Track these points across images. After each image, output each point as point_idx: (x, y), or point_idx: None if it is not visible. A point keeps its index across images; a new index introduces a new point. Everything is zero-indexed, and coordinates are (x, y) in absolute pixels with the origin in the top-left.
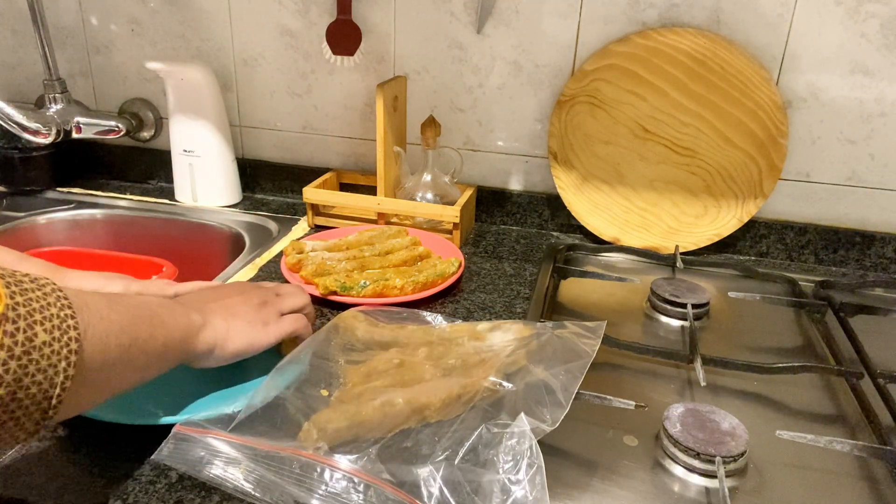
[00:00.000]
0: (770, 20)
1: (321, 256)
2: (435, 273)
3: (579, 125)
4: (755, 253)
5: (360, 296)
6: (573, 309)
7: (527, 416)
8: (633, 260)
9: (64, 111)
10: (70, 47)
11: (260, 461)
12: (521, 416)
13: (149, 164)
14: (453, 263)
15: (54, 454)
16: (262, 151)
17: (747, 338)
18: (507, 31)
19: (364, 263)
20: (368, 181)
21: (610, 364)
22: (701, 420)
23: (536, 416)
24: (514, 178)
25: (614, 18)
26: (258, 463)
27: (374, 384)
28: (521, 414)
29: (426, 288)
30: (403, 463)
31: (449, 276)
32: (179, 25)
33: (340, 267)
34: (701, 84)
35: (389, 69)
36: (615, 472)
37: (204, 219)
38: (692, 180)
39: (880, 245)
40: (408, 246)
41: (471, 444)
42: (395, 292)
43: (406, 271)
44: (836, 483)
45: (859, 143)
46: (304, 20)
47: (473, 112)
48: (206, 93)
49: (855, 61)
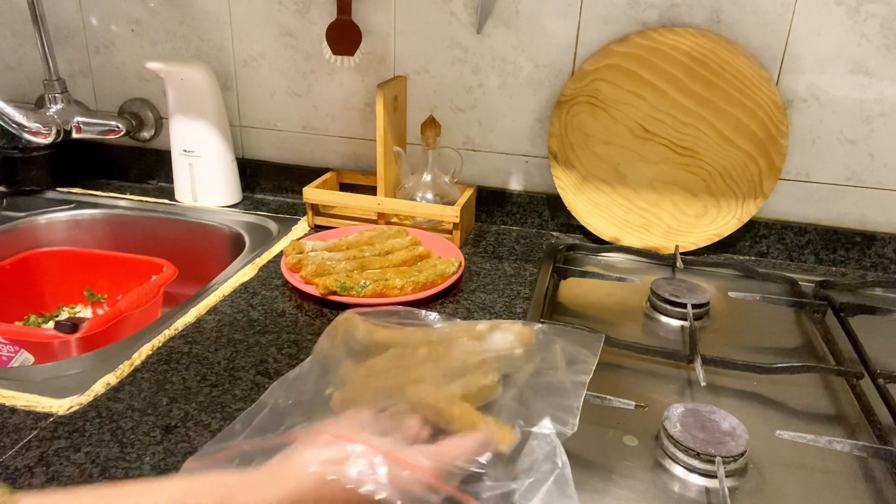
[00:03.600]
0: (770, 20)
1: (321, 256)
2: (435, 273)
3: (579, 125)
4: (755, 253)
5: (360, 296)
6: (573, 309)
7: (552, 421)
8: (633, 260)
9: (64, 111)
10: (70, 47)
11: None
12: (546, 420)
13: (149, 164)
14: (453, 263)
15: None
16: (262, 151)
17: (747, 338)
18: (507, 31)
19: (364, 263)
20: (368, 181)
21: (610, 364)
22: (701, 420)
23: (552, 418)
24: (514, 178)
25: (614, 18)
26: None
27: (374, 384)
28: (547, 418)
29: (426, 288)
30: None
31: (449, 275)
32: (179, 25)
33: (340, 267)
34: (701, 84)
35: (389, 69)
36: (615, 472)
37: (204, 219)
38: (692, 180)
39: (880, 245)
40: (408, 246)
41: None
42: (395, 292)
43: (406, 271)
44: (836, 483)
45: (859, 143)
46: (304, 20)
47: (473, 112)
48: (206, 93)
49: (855, 61)
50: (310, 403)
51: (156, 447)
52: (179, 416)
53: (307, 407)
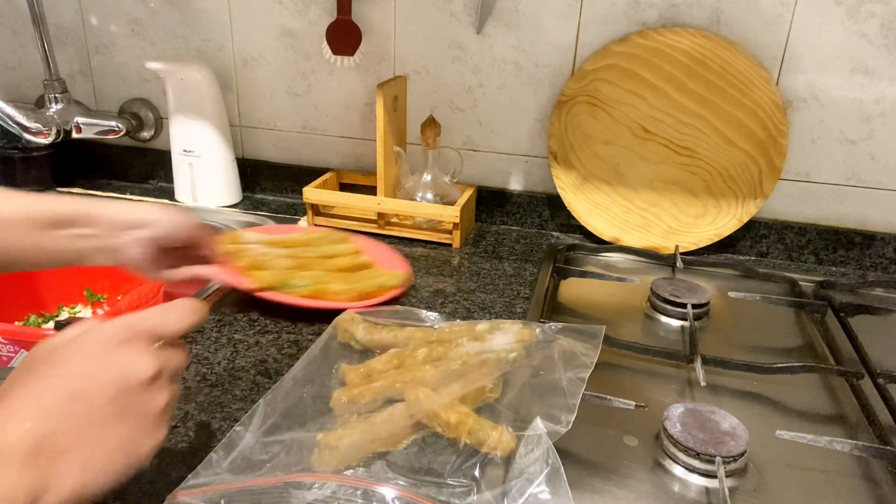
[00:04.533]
0: (770, 20)
1: (259, 250)
2: (375, 283)
3: (579, 125)
4: (755, 253)
5: (298, 295)
6: (573, 309)
7: (542, 420)
8: (633, 260)
9: (64, 111)
10: (70, 47)
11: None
12: (537, 420)
13: (149, 164)
14: (396, 277)
15: None
16: (262, 151)
17: (747, 338)
18: (507, 31)
19: (303, 264)
20: (368, 181)
21: (610, 364)
22: (701, 420)
23: (548, 419)
24: (514, 178)
25: (614, 18)
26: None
27: (374, 385)
28: (537, 418)
29: (364, 297)
30: (425, 475)
31: (389, 288)
32: (179, 25)
33: (277, 263)
34: (701, 84)
35: (389, 69)
36: (615, 472)
37: (204, 219)
38: (692, 180)
39: (880, 245)
40: (351, 253)
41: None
42: (333, 297)
43: (346, 277)
44: (836, 483)
45: (859, 143)
46: (304, 20)
47: (473, 112)
48: (206, 93)
49: (855, 61)
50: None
51: None
52: (179, 416)
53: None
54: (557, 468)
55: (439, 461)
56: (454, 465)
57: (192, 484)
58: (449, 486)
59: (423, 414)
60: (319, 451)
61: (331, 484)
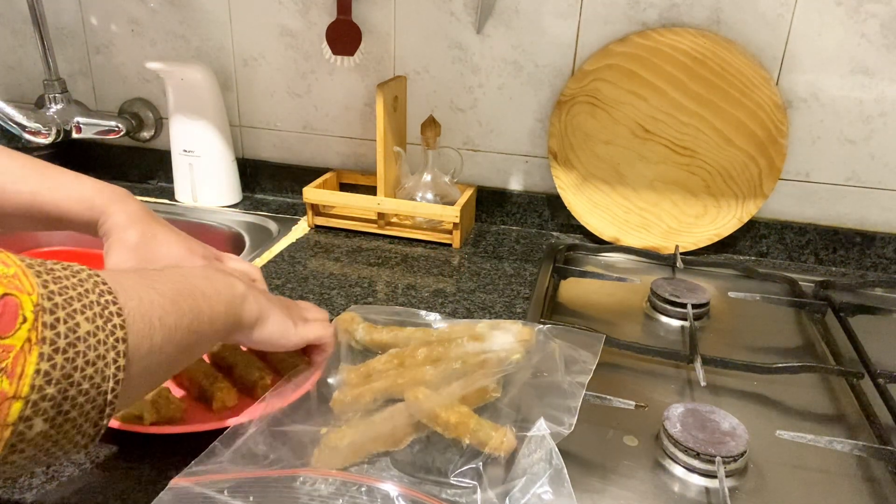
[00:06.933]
0: (770, 20)
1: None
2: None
3: (579, 125)
4: (755, 253)
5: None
6: (573, 309)
7: (546, 421)
8: (633, 260)
9: (64, 111)
10: (70, 47)
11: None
12: (541, 421)
13: (149, 164)
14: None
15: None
16: (262, 151)
17: (747, 338)
18: (507, 31)
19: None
20: (368, 181)
21: (610, 364)
22: (701, 420)
23: (550, 420)
24: (514, 178)
25: (614, 18)
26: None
27: (375, 385)
28: (541, 419)
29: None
30: (428, 473)
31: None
32: (179, 25)
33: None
34: (701, 84)
35: (389, 69)
36: (615, 472)
37: (204, 219)
38: (692, 180)
39: (880, 245)
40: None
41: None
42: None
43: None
44: (836, 483)
45: (859, 143)
46: (304, 20)
47: (473, 112)
48: (206, 93)
49: (855, 61)
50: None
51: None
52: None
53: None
54: (560, 469)
55: (442, 460)
56: (457, 465)
57: (194, 471)
58: (452, 486)
59: (423, 414)
60: (320, 450)
61: (335, 480)
